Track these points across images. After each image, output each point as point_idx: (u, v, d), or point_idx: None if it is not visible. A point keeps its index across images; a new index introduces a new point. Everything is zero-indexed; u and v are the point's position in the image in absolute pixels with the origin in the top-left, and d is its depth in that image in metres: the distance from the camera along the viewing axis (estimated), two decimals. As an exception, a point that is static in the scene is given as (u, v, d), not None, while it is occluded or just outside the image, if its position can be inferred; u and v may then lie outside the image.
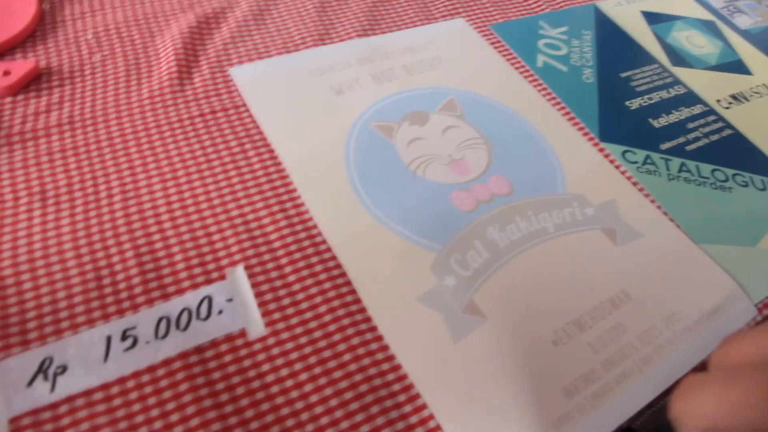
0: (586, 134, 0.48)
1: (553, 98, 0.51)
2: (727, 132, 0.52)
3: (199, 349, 0.33)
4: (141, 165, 0.41)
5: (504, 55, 0.53)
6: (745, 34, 0.66)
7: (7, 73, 0.44)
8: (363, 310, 0.35)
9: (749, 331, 0.24)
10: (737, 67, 0.61)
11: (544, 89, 0.51)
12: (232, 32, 0.51)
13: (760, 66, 0.62)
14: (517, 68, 0.52)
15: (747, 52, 0.63)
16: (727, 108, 0.55)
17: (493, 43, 0.55)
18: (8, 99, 0.44)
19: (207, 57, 0.48)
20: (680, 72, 0.58)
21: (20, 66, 0.45)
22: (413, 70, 0.49)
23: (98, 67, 0.47)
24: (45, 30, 0.50)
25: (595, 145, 0.47)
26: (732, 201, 0.46)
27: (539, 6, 0.61)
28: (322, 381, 0.33)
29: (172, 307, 0.34)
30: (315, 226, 0.38)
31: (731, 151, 0.51)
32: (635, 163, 0.47)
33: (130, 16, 0.52)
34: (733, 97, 0.57)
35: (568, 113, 0.50)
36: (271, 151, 0.42)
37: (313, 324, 0.35)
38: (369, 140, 0.43)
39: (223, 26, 0.51)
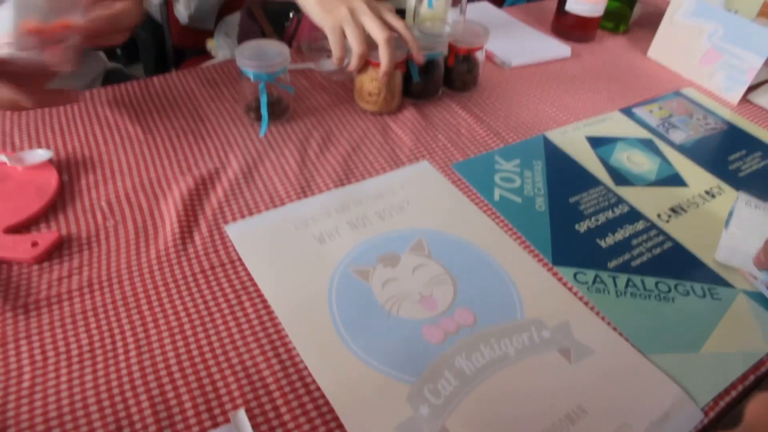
0: (540, 260, 0.55)
1: (510, 229, 0.58)
2: (668, 244, 0.59)
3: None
4: (152, 321, 0.47)
5: (464, 192, 0.61)
6: (680, 148, 0.75)
7: (35, 244, 0.51)
8: (350, 442, 0.40)
9: None
10: (674, 180, 0.69)
11: (502, 221, 0.58)
12: (226, 191, 0.59)
13: (695, 177, 0.70)
14: (476, 204, 0.60)
15: (682, 165, 0.71)
16: (667, 221, 0.62)
17: (454, 182, 0.62)
18: (35, 267, 0.51)
19: (205, 216, 0.56)
20: (623, 191, 0.66)
21: (46, 237, 0.52)
22: (385, 215, 0.57)
23: (111, 232, 0.54)
24: (65, 199, 0.58)
25: (549, 269, 0.54)
26: (675, 310, 0.52)
27: (494, 142, 0.69)
28: None
29: (183, 454, 0.39)
30: (305, 368, 0.44)
31: (672, 263, 0.57)
32: (585, 283, 0.54)
33: (137, 183, 0.60)
34: (672, 210, 0.64)
35: (524, 242, 0.56)
36: (264, 301, 0.48)
37: (307, 460, 0.40)
38: (349, 285, 0.50)
39: (217, 186, 0.59)
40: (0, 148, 0.63)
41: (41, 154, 0.60)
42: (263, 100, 0.64)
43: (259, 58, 0.63)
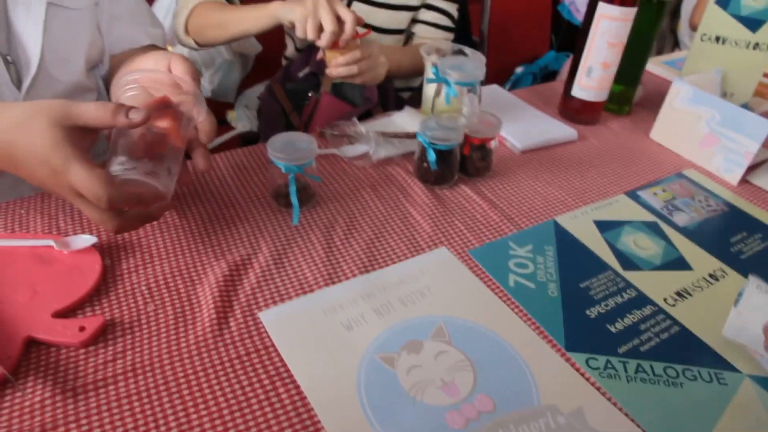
0: (554, 346, 0.58)
1: (525, 314, 0.61)
2: (675, 329, 0.63)
3: None
4: (193, 406, 0.50)
5: (481, 278, 0.65)
6: (684, 230, 0.79)
7: (82, 329, 0.55)
8: None
9: None
10: (679, 263, 0.73)
11: (517, 307, 0.62)
12: (258, 277, 0.63)
13: (699, 260, 0.73)
14: (492, 289, 0.64)
15: (686, 248, 0.75)
16: (674, 305, 0.66)
17: (471, 268, 0.67)
18: (82, 350, 0.54)
19: (239, 302, 0.60)
20: (631, 275, 0.69)
21: (92, 322, 0.56)
22: (407, 301, 0.61)
23: (152, 316, 0.58)
24: (107, 283, 0.62)
25: (563, 355, 0.57)
26: (684, 396, 0.55)
27: (508, 228, 0.74)
28: None
29: None
30: (336, 454, 0.47)
31: (680, 347, 0.60)
32: (597, 369, 0.57)
33: (174, 267, 0.64)
34: (678, 294, 0.68)
35: (538, 327, 0.60)
36: (298, 387, 0.52)
37: None
38: (376, 372, 0.53)
39: (250, 272, 0.63)
40: (47, 230, 0.68)
41: (86, 240, 0.65)
42: (293, 190, 0.69)
43: (289, 150, 0.68)
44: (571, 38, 2.54)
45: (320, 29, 0.89)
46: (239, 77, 1.62)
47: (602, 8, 0.92)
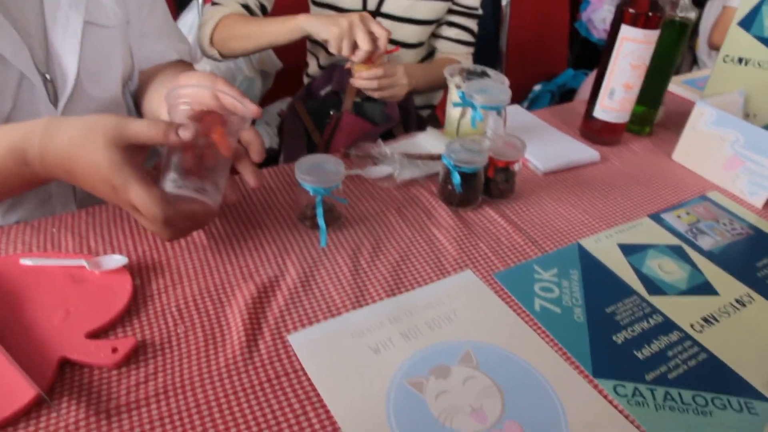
0: (581, 372, 0.58)
1: (551, 339, 0.61)
2: (702, 356, 0.62)
3: None
4: (224, 429, 0.50)
5: (507, 302, 0.65)
6: (709, 254, 0.78)
7: (114, 350, 0.56)
8: None
9: None
10: (705, 288, 0.72)
11: (543, 332, 0.62)
12: (286, 299, 0.63)
13: (725, 285, 0.73)
14: (518, 314, 0.64)
15: (712, 272, 0.75)
16: (701, 332, 0.65)
17: (497, 291, 0.67)
18: (114, 372, 0.55)
19: (268, 324, 0.60)
20: (656, 300, 0.69)
21: (124, 344, 0.57)
22: (434, 325, 0.61)
23: (182, 337, 0.59)
24: (138, 304, 0.63)
25: (590, 382, 0.57)
26: (714, 425, 0.55)
27: (532, 251, 0.74)
28: None
29: None
30: (367, 480, 0.47)
31: (708, 375, 0.60)
32: (625, 396, 0.56)
33: (203, 288, 0.65)
34: (705, 319, 0.67)
35: (564, 353, 0.60)
36: (328, 411, 0.52)
37: None
38: (404, 397, 0.53)
39: (278, 294, 0.64)
40: (77, 250, 0.69)
41: (117, 260, 0.66)
42: (320, 212, 0.70)
43: (316, 173, 0.69)
44: (587, 54, 2.55)
45: (354, 46, 0.94)
46: (260, 94, 1.64)
47: (625, 31, 0.93)
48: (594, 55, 2.54)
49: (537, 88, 1.90)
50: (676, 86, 1.34)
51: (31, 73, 0.74)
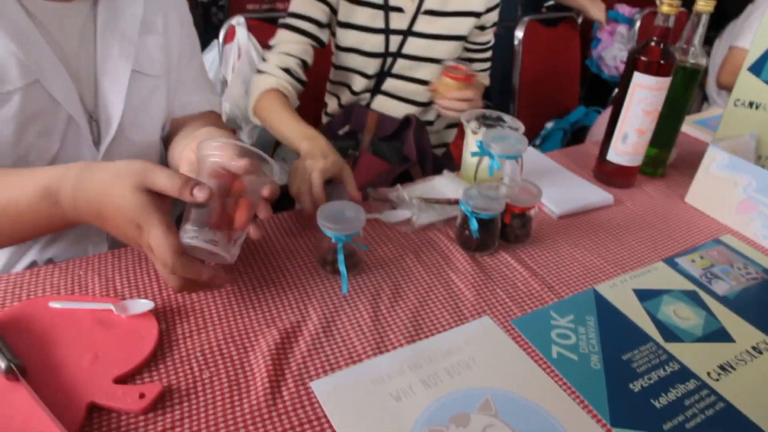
0: (599, 421, 0.59)
1: (569, 387, 0.62)
2: (720, 405, 0.63)
3: None
4: (248, 477, 0.51)
5: (524, 349, 0.66)
6: (724, 300, 0.79)
7: (142, 395, 0.57)
8: None
9: None
10: (721, 335, 0.73)
11: (561, 379, 0.63)
12: (308, 345, 0.65)
13: (741, 332, 0.74)
14: (536, 361, 0.65)
15: (727, 318, 0.76)
16: (717, 380, 0.66)
17: (514, 338, 0.68)
18: (141, 417, 0.56)
19: (291, 371, 0.62)
20: (672, 347, 0.70)
21: (151, 389, 0.58)
22: (453, 372, 0.62)
23: (207, 383, 0.60)
24: (163, 348, 0.64)
25: (608, 431, 0.58)
26: (732, 477, 0.55)
27: (549, 297, 0.75)
28: None
29: None
30: None
31: (726, 425, 0.61)
32: (644, 446, 0.57)
33: (227, 333, 0.66)
34: (721, 367, 0.68)
35: (582, 401, 0.61)
36: (350, 460, 0.53)
37: None
38: (425, 445, 0.54)
39: (300, 340, 0.66)
40: (104, 293, 0.71)
41: (144, 304, 0.68)
42: (341, 259, 0.72)
43: (338, 220, 0.71)
44: (598, 91, 2.58)
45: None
46: (277, 131, 1.67)
47: (638, 78, 0.95)
48: (605, 92, 2.57)
49: (549, 125, 1.92)
50: (688, 126, 1.36)
51: (78, 116, 0.78)
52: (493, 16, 1.29)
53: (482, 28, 1.29)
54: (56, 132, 0.77)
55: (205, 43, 2.35)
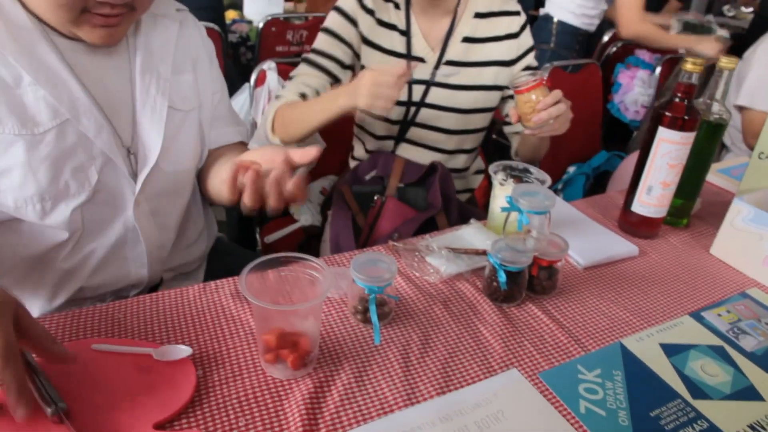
0: (629, 480, 0.59)
1: (598, 444, 0.63)
2: (750, 468, 0.63)
3: None
4: None
5: (553, 403, 0.67)
6: (752, 356, 0.79)
7: (180, 443, 0.59)
8: None
9: None
10: (750, 393, 0.73)
11: (589, 436, 0.64)
12: (341, 395, 0.66)
13: (770, 390, 0.74)
14: (564, 416, 0.66)
15: (756, 375, 0.76)
16: (746, 440, 0.66)
17: (542, 391, 0.69)
18: (179, 466, 0.58)
19: (324, 421, 0.63)
20: (701, 405, 0.70)
21: (188, 436, 0.60)
22: (483, 426, 0.63)
23: (243, 431, 0.62)
24: (200, 394, 0.66)
25: (638, 491, 0.58)
26: None
27: (575, 350, 0.76)
28: None
29: None
30: None
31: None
32: (674, 507, 0.57)
33: (262, 381, 0.68)
34: (751, 427, 0.68)
35: (611, 459, 0.61)
36: None
37: None
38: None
39: (333, 390, 0.67)
40: (142, 336, 0.73)
41: (183, 350, 0.70)
42: (373, 310, 0.74)
43: (370, 271, 0.73)
44: (619, 134, 2.60)
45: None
46: (303, 173, 1.71)
47: (663, 132, 0.97)
48: (626, 135, 2.59)
49: (571, 169, 1.94)
50: (712, 175, 1.37)
51: (111, 150, 0.83)
52: (530, 59, 1.32)
53: (526, 68, 1.32)
54: (92, 167, 0.82)
55: (234, 82, 2.43)
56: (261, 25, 2.57)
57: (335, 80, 1.25)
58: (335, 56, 1.24)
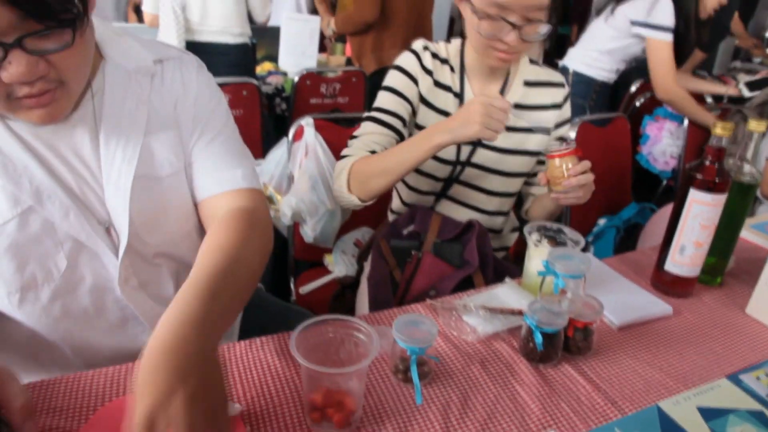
0: None
1: None
2: None
3: None
4: None
5: (592, 468, 0.69)
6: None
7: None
8: None
9: None
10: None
11: (629, 502, 0.65)
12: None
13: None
14: (604, 481, 0.67)
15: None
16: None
17: (581, 455, 0.70)
18: None
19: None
20: (741, 472, 0.70)
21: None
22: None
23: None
24: (247, 451, 0.69)
25: None
26: None
27: (612, 412, 0.77)
28: None
29: None
30: None
31: None
32: None
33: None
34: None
35: None
36: None
37: None
38: None
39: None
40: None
41: (234, 408, 0.73)
42: (414, 369, 0.76)
43: (413, 333, 0.76)
44: (648, 185, 2.61)
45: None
46: (338, 225, 1.76)
47: (694, 194, 0.99)
48: (655, 186, 2.60)
49: (601, 222, 1.95)
50: (745, 231, 1.37)
51: (81, 233, 0.79)
52: (564, 130, 1.36)
53: (559, 139, 1.35)
54: (59, 253, 0.79)
55: (270, 132, 2.51)
56: (296, 78, 2.67)
57: (401, 138, 1.27)
58: (399, 114, 1.26)
